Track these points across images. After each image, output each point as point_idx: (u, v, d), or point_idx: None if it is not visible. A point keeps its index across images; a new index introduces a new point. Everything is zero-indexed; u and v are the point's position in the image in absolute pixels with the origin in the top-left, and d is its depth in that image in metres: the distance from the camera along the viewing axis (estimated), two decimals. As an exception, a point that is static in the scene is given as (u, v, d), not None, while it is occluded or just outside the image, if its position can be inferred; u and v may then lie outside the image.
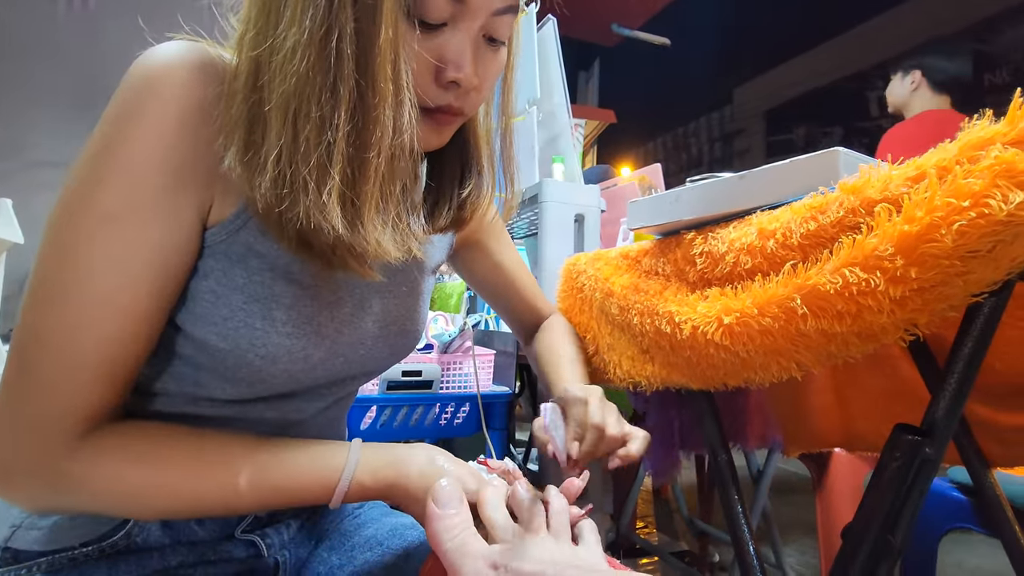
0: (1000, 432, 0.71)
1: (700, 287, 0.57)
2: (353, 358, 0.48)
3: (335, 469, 0.42)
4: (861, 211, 0.39)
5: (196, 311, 0.40)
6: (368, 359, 0.50)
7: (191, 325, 0.41)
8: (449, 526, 0.35)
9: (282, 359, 0.42)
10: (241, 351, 0.41)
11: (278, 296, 0.42)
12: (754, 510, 1.30)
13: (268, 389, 0.44)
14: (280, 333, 0.42)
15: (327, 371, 0.47)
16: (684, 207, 0.59)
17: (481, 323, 1.30)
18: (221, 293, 0.40)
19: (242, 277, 0.41)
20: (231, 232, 0.40)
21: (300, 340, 0.43)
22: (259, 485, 0.40)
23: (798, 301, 0.41)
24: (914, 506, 0.49)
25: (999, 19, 2.59)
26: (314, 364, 0.45)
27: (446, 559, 0.33)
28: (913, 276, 0.34)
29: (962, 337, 0.45)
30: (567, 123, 1.28)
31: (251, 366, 0.42)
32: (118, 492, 0.38)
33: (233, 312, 0.40)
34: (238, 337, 0.40)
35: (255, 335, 0.41)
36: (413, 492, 0.42)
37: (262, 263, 0.41)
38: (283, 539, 0.51)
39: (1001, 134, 0.32)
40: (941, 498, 0.98)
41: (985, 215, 0.31)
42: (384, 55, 0.34)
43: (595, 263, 0.79)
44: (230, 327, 0.40)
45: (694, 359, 0.57)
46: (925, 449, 0.47)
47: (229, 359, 0.41)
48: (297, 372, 0.44)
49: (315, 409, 0.50)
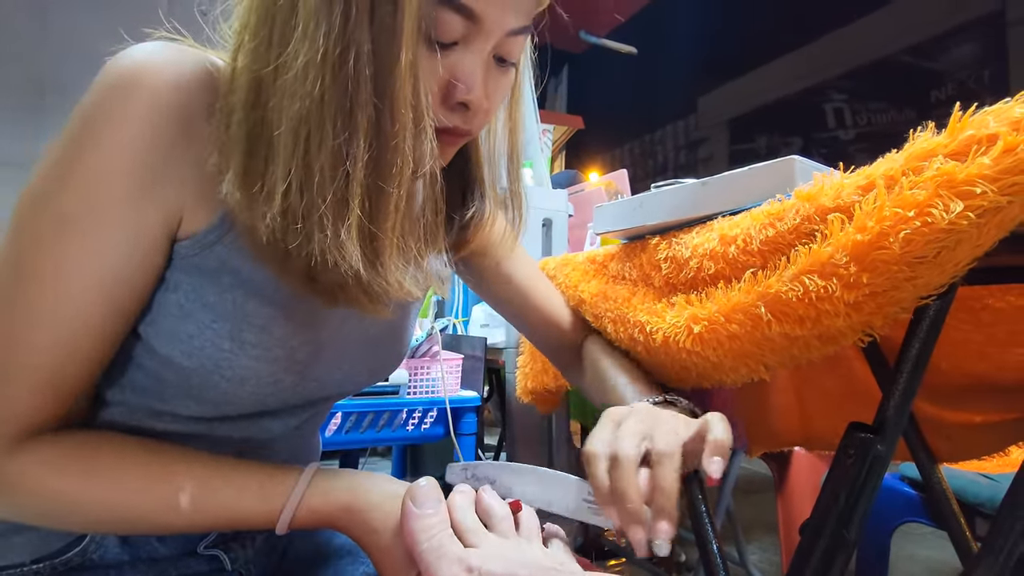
0: (946, 429, 0.75)
1: (666, 292, 0.58)
2: (328, 382, 0.46)
3: (282, 492, 0.40)
4: (816, 218, 0.40)
5: (162, 325, 0.38)
6: (345, 382, 0.48)
7: (155, 339, 0.39)
8: (426, 526, 0.34)
9: (250, 382, 0.40)
10: (207, 371, 0.39)
11: (250, 316, 0.39)
12: (718, 510, 1.33)
13: (235, 409, 0.43)
14: (249, 356, 0.40)
15: (298, 395, 0.45)
16: (649, 212, 0.61)
17: (449, 327, 1.30)
18: (189, 309, 0.38)
19: (213, 294, 0.38)
20: (204, 246, 0.38)
21: (270, 365, 0.41)
22: (201, 505, 0.38)
23: (762, 308, 0.42)
24: (867, 501, 0.51)
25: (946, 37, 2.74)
26: (284, 388, 0.43)
27: (422, 559, 0.33)
28: (866, 282, 0.36)
29: (910, 338, 0.47)
30: (535, 128, 1.29)
31: (217, 388, 0.40)
32: (45, 500, 0.37)
33: (200, 330, 0.38)
34: (204, 357, 0.39)
35: (222, 356, 0.39)
36: (372, 521, 0.39)
37: (235, 280, 0.39)
38: (248, 553, 0.49)
39: (942, 145, 0.34)
40: (893, 493, 1.02)
41: (929, 224, 0.32)
42: (404, 79, 0.32)
43: (564, 268, 0.80)
44: (196, 345, 0.38)
45: (668, 362, 0.58)
46: (877, 446, 0.49)
47: (194, 378, 0.39)
48: (266, 396, 0.42)
49: (285, 428, 0.48)
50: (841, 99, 2.71)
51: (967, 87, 2.68)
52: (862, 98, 3.29)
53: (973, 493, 0.90)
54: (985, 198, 0.31)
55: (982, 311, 0.63)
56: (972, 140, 0.33)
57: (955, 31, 2.74)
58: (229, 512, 0.39)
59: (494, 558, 0.33)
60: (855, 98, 3.32)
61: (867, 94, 3.23)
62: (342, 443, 1.00)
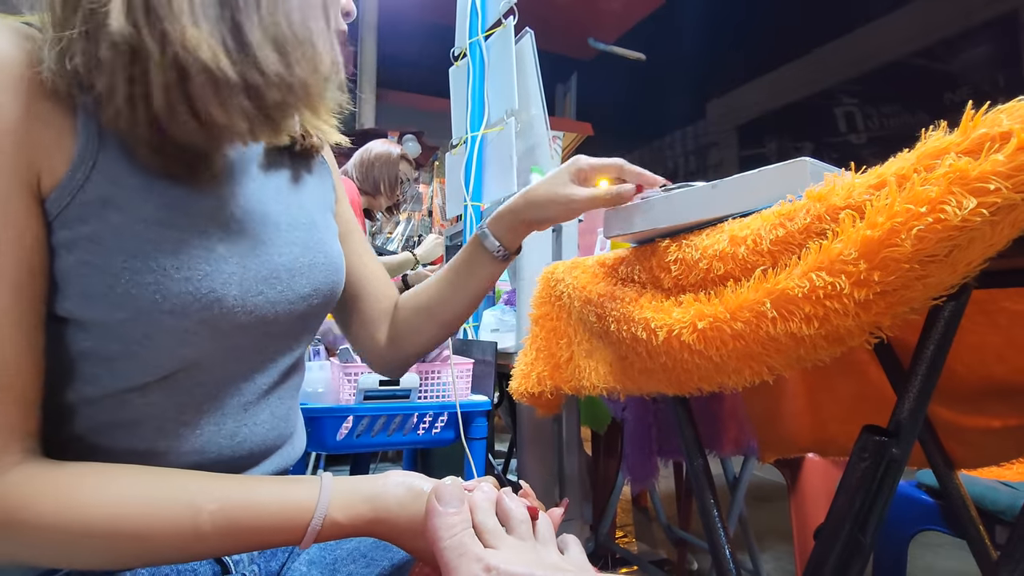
0: (963, 434, 0.74)
1: (675, 294, 0.58)
2: (273, 296, 0.45)
3: (306, 506, 0.39)
4: (827, 218, 0.40)
5: (76, 291, 0.37)
6: (291, 295, 0.47)
7: (79, 309, 0.37)
8: (449, 523, 0.35)
9: (192, 307, 0.39)
10: (144, 313, 0.37)
11: (158, 243, 0.38)
12: (731, 517, 1.31)
13: (197, 354, 0.41)
14: (176, 280, 0.38)
15: (252, 316, 0.43)
16: (658, 216, 0.60)
17: (459, 332, 1.30)
18: (95, 262, 0.36)
19: (110, 238, 0.37)
20: (74, 190, 0.36)
21: (204, 281, 0.39)
22: (223, 526, 0.37)
23: (768, 305, 0.42)
24: (883, 505, 0.50)
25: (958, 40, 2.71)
26: (231, 307, 0.41)
27: (442, 556, 0.34)
28: (876, 280, 0.36)
29: (924, 340, 0.47)
30: (545, 134, 1.29)
31: (161, 325, 0.38)
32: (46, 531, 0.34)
33: (116, 277, 0.37)
34: (134, 299, 0.37)
35: (151, 290, 0.37)
36: (400, 526, 0.41)
37: (124, 216, 0.37)
38: (251, 553, 0.49)
39: (955, 144, 0.33)
40: (910, 501, 1.00)
41: (941, 220, 0.32)
42: None
43: (572, 271, 0.80)
44: (119, 292, 0.37)
45: (669, 364, 0.58)
46: (892, 449, 0.48)
47: (135, 329, 0.38)
48: (218, 320, 0.41)
49: (261, 387, 0.47)
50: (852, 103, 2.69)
51: (981, 89, 2.66)
52: (874, 102, 3.26)
53: (992, 500, 0.88)
54: (999, 195, 0.31)
55: (999, 314, 0.62)
56: (985, 138, 0.33)
57: (969, 33, 2.72)
58: (253, 532, 0.38)
59: (513, 559, 0.34)
60: (867, 102, 3.29)
61: (879, 97, 3.20)
62: (353, 447, 1.00)
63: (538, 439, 1.16)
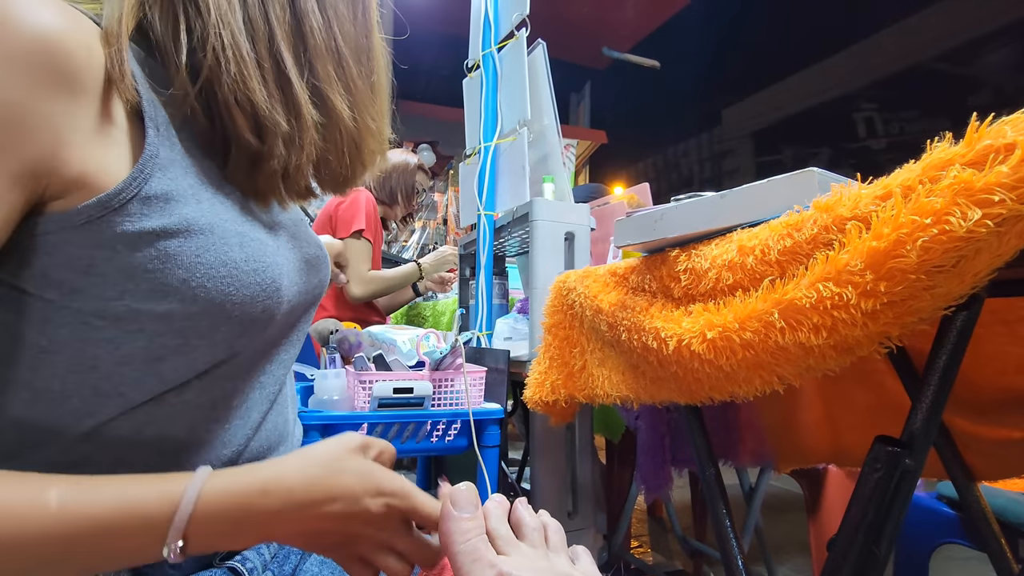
0: (982, 445, 0.72)
1: (685, 303, 0.59)
2: (303, 286, 0.49)
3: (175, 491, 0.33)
4: (834, 228, 0.40)
5: (147, 287, 0.37)
6: (310, 286, 0.51)
7: (145, 304, 0.37)
8: (463, 529, 0.36)
9: (259, 297, 0.41)
10: (216, 304, 0.39)
11: (225, 237, 0.41)
12: (746, 528, 1.30)
13: (244, 345, 0.43)
14: (245, 271, 0.41)
15: (290, 305, 0.46)
16: (668, 225, 0.61)
17: (473, 340, 1.31)
18: (172, 256, 0.37)
19: (182, 233, 0.38)
20: (138, 185, 0.37)
21: (267, 272, 0.43)
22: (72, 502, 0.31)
23: (776, 315, 0.42)
24: (897, 516, 0.50)
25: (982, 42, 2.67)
26: (284, 297, 0.45)
27: (456, 560, 0.35)
28: (882, 290, 0.36)
29: (936, 350, 0.47)
30: (557, 143, 1.30)
31: (230, 316, 0.40)
32: None
33: (191, 271, 0.38)
34: (207, 291, 0.38)
35: (224, 283, 0.39)
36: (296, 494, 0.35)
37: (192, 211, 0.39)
38: (264, 559, 0.50)
39: (960, 155, 0.34)
40: (930, 513, 0.98)
41: (946, 231, 0.32)
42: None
43: (584, 280, 0.81)
44: (194, 286, 0.38)
45: (680, 373, 0.58)
46: (905, 460, 0.48)
47: (203, 321, 0.39)
48: (273, 310, 0.43)
49: (280, 378, 0.49)
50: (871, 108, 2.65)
51: (1004, 93, 2.61)
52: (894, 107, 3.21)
53: (1015, 513, 0.86)
54: (1004, 206, 0.31)
55: (1018, 323, 0.61)
56: (990, 149, 0.33)
57: (991, 36, 2.67)
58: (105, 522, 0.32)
59: (524, 566, 0.34)
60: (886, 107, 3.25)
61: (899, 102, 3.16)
62: (367, 454, 1.01)
63: (551, 447, 1.16)
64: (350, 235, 1.74)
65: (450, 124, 3.22)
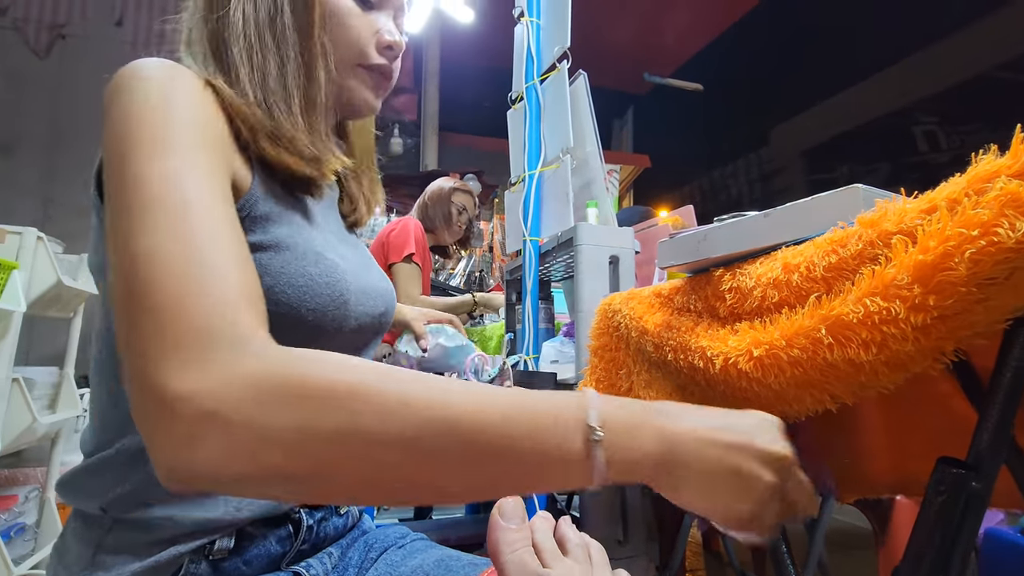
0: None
1: (731, 322, 0.59)
2: (368, 308, 0.55)
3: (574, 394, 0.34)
4: (879, 243, 0.40)
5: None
6: (374, 311, 0.56)
7: None
8: (511, 539, 0.37)
9: (328, 308, 0.48)
10: (294, 309, 0.46)
11: (304, 253, 0.49)
12: (809, 561, 1.23)
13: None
14: (320, 283, 0.48)
15: (356, 323, 0.53)
16: (712, 245, 0.61)
17: (520, 363, 1.32)
18: (263, 266, 0.45)
19: (274, 248, 0.47)
20: (251, 205, 0.46)
21: (337, 286, 0.50)
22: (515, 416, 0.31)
23: (823, 331, 0.42)
24: (965, 544, 0.47)
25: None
26: (349, 312, 0.51)
27: (503, 570, 0.36)
28: (932, 304, 0.35)
29: (1000, 366, 0.45)
30: (600, 169, 1.33)
31: (304, 323, 0.47)
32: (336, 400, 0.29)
33: (276, 278, 0.46)
34: (288, 298, 0.46)
35: (301, 292, 0.47)
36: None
37: (281, 230, 0.48)
38: (326, 568, 0.53)
39: (1006, 167, 0.33)
40: (1013, 548, 0.91)
41: (995, 243, 0.32)
42: None
43: (629, 302, 0.81)
44: (277, 292, 0.45)
45: (728, 393, 0.57)
46: (971, 483, 0.46)
47: (279, 323, 0.36)
48: (340, 323, 0.50)
49: None
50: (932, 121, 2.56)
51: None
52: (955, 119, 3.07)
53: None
54: (1055, 216, 0.31)
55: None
56: (1038, 159, 0.32)
57: (1058, 43, 2.54)
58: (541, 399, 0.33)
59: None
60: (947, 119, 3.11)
61: (961, 114, 3.02)
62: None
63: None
64: (401, 260, 1.82)
65: (494, 155, 3.31)
